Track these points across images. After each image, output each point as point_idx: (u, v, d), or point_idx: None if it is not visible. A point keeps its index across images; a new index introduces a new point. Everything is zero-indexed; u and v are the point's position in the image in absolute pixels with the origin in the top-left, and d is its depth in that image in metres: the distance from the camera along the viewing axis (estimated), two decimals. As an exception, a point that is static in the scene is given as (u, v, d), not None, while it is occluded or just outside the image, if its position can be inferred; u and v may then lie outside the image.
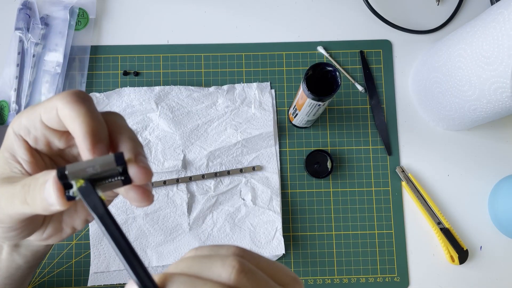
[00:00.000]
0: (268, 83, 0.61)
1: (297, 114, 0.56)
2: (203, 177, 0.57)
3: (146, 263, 0.56)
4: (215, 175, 0.58)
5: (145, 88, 0.59)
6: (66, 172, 0.23)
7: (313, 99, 0.49)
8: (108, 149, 0.26)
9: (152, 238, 0.56)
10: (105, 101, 0.59)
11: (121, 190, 0.26)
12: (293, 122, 0.59)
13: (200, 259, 0.23)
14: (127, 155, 0.26)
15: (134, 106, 0.59)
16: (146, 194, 0.27)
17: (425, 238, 0.59)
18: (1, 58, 0.60)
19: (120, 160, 0.24)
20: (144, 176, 0.25)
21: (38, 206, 0.25)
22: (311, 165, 0.59)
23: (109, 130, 0.27)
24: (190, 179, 0.57)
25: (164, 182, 0.57)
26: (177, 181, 0.57)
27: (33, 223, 0.30)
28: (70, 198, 0.24)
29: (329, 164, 0.59)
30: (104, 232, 0.23)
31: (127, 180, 0.25)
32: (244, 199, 0.58)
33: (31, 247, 0.35)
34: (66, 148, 0.30)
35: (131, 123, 0.58)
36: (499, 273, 0.59)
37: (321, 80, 0.49)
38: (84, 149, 0.25)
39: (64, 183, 0.24)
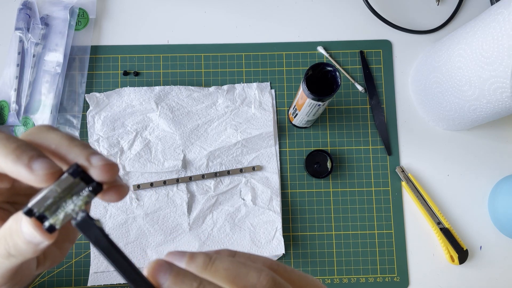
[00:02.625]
0: (268, 83, 0.61)
1: (297, 114, 0.56)
2: (203, 177, 0.57)
3: (145, 262, 0.56)
4: (215, 175, 0.58)
5: (145, 88, 0.59)
6: (30, 206, 0.22)
7: (313, 99, 0.49)
8: (51, 163, 0.22)
9: (152, 238, 0.56)
10: (105, 101, 0.59)
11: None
12: (293, 122, 0.59)
13: (238, 264, 0.22)
14: (80, 162, 0.22)
15: (134, 106, 0.59)
16: (120, 189, 0.24)
17: (425, 238, 0.59)
18: (1, 58, 0.60)
19: (75, 171, 0.22)
20: (110, 173, 0.22)
21: (26, 251, 0.23)
22: (311, 165, 0.59)
23: (45, 147, 0.23)
24: (190, 179, 0.57)
25: (164, 182, 0.57)
26: (177, 181, 0.57)
27: (28, 268, 0.27)
28: (51, 229, 0.22)
29: (329, 164, 0.59)
30: (110, 263, 0.22)
31: (98, 187, 0.23)
32: (244, 199, 0.58)
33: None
34: (15, 183, 0.25)
35: (131, 123, 0.58)
36: (499, 273, 0.59)
37: (321, 80, 0.49)
38: (24, 178, 0.22)
39: (39, 216, 0.22)
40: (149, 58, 0.61)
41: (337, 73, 0.48)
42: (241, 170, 0.58)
